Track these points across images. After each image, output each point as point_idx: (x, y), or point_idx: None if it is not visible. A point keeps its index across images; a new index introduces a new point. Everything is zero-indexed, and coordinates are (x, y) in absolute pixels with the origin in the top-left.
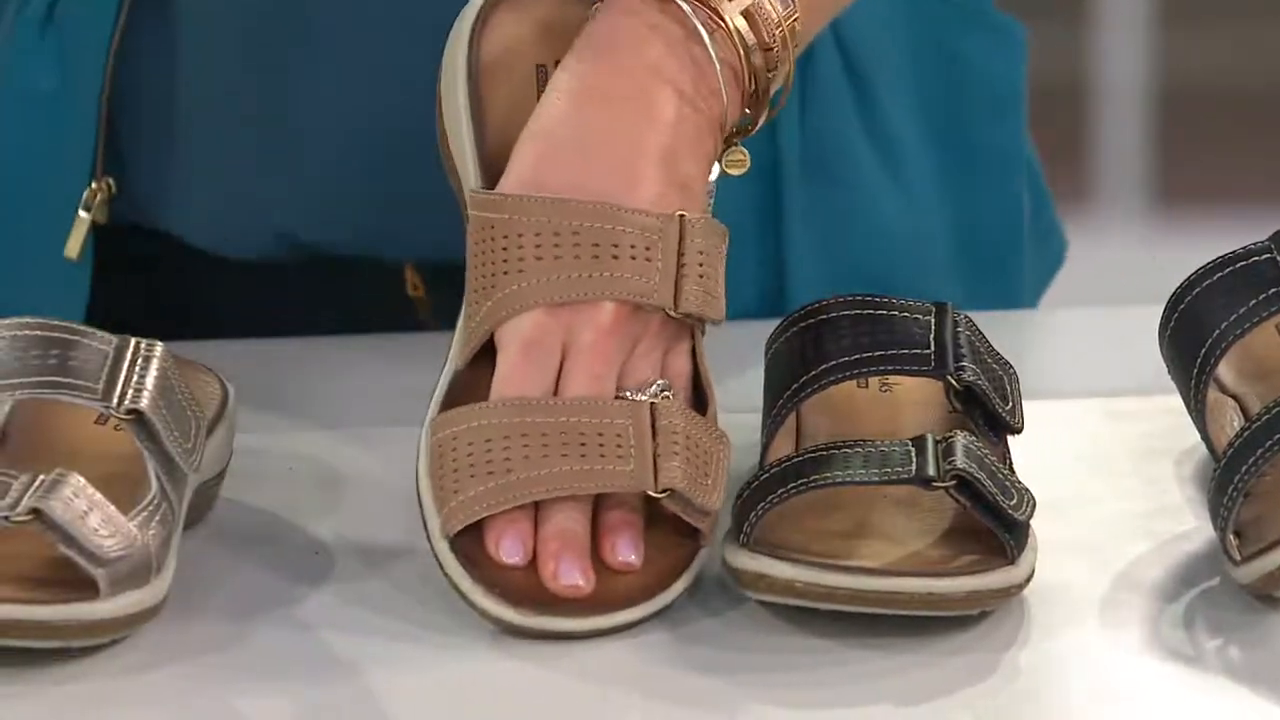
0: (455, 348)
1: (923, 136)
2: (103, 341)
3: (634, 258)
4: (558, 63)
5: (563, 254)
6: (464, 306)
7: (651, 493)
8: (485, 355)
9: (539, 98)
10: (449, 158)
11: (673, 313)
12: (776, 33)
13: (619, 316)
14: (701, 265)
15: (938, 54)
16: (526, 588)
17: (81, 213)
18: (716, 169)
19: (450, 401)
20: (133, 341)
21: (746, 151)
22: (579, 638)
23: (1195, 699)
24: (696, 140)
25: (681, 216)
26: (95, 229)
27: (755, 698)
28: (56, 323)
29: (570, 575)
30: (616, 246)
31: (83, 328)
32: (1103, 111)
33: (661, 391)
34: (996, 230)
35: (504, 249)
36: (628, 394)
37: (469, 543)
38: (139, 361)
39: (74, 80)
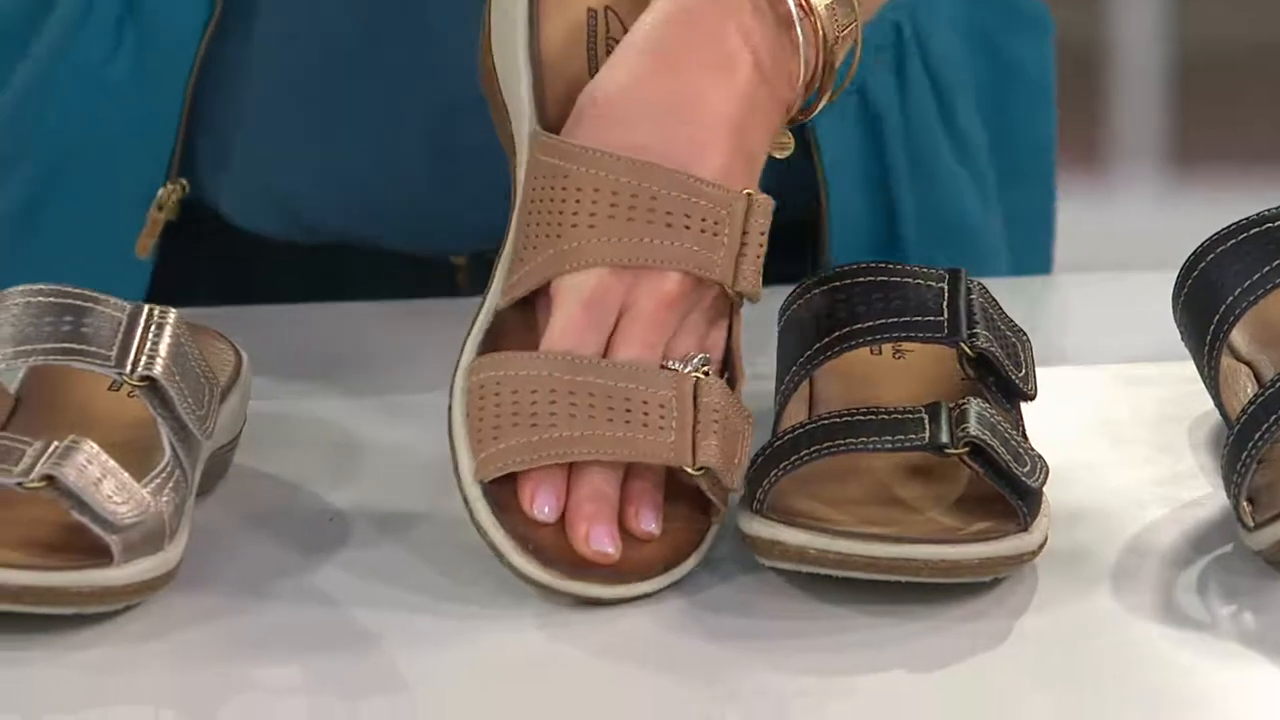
0: (497, 286)
1: (984, 131)
2: (116, 308)
3: (704, 231)
4: (608, 9)
5: (636, 217)
6: (511, 248)
7: (689, 469)
8: (520, 303)
9: (588, 44)
10: (495, 92)
11: (730, 290)
12: (842, 35)
13: (682, 288)
14: (761, 245)
15: (986, 49)
16: (557, 548)
17: (154, 211)
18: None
19: (489, 344)
20: (146, 308)
21: (791, 136)
22: (605, 604)
23: (1209, 664)
24: (767, 119)
25: (749, 195)
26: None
27: (769, 663)
28: (70, 289)
29: (601, 542)
30: (689, 217)
31: (96, 294)
32: (1118, 77)
33: (702, 365)
34: (1033, 215)
35: (576, 200)
36: (671, 363)
37: (498, 488)
38: (152, 328)
39: (153, 79)
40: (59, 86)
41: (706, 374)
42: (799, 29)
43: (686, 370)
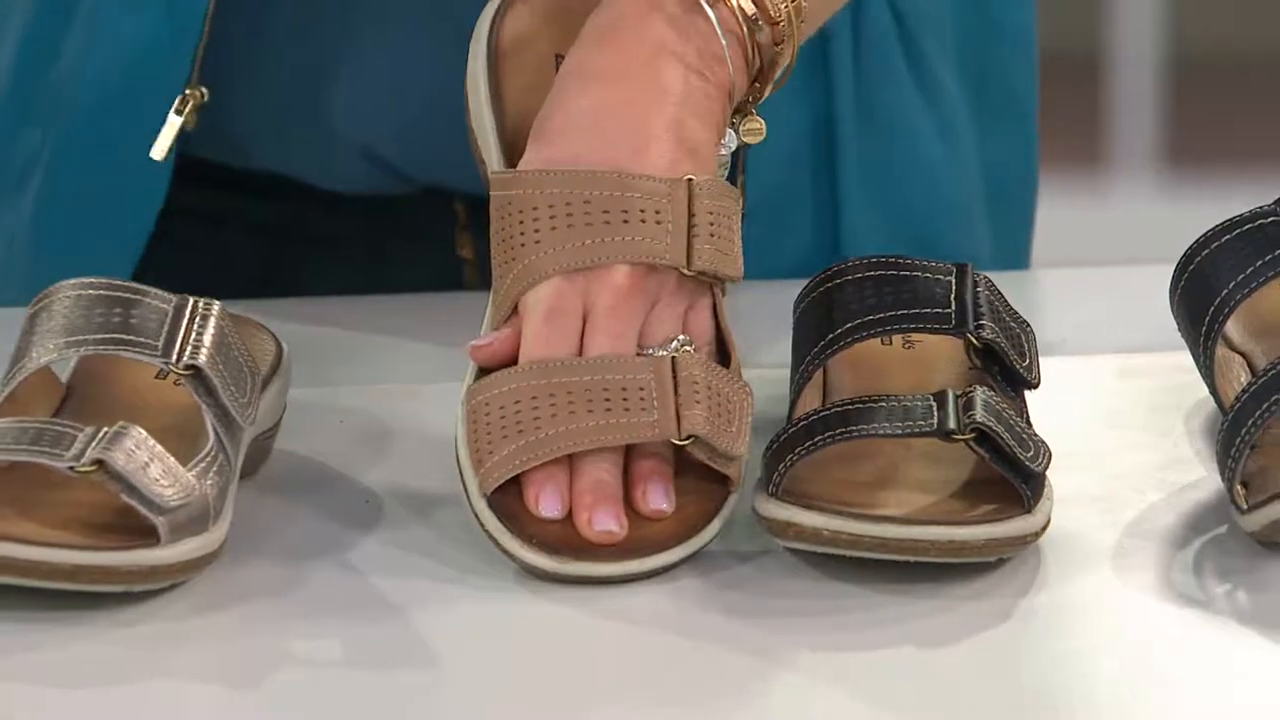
0: (486, 320)
1: (960, 85)
2: (163, 300)
3: (644, 221)
4: (558, 56)
5: (575, 222)
6: (493, 282)
7: (675, 440)
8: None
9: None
10: (476, 147)
11: (686, 271)
12: (783, 8)
13: (634, 278)
14: (713, 225)
15: (974, 6)
16: (563, 537)
17: (173, 116)
18: (734, 138)
19: (485, 370)
20: (191, 300)
21: (763, 120)
22: (614, 581)
23: (1204, 642)
24: (705, 107)
25: (689, 180)
26: (183, 165)
27: (783, 640)
28: (119, 282)
29: (604, 522)
30: (626, 212)
31: (144, 287)
32: (1116, 77)
33: (682, 346)
34: (1014, 171)
35: (520, 223)
36: (650, 350)
37: (507, 499)
38: (197, 319)
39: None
40: (96, 40)
41: (688, 352)
42: (710, 13)
43: (663, 353)
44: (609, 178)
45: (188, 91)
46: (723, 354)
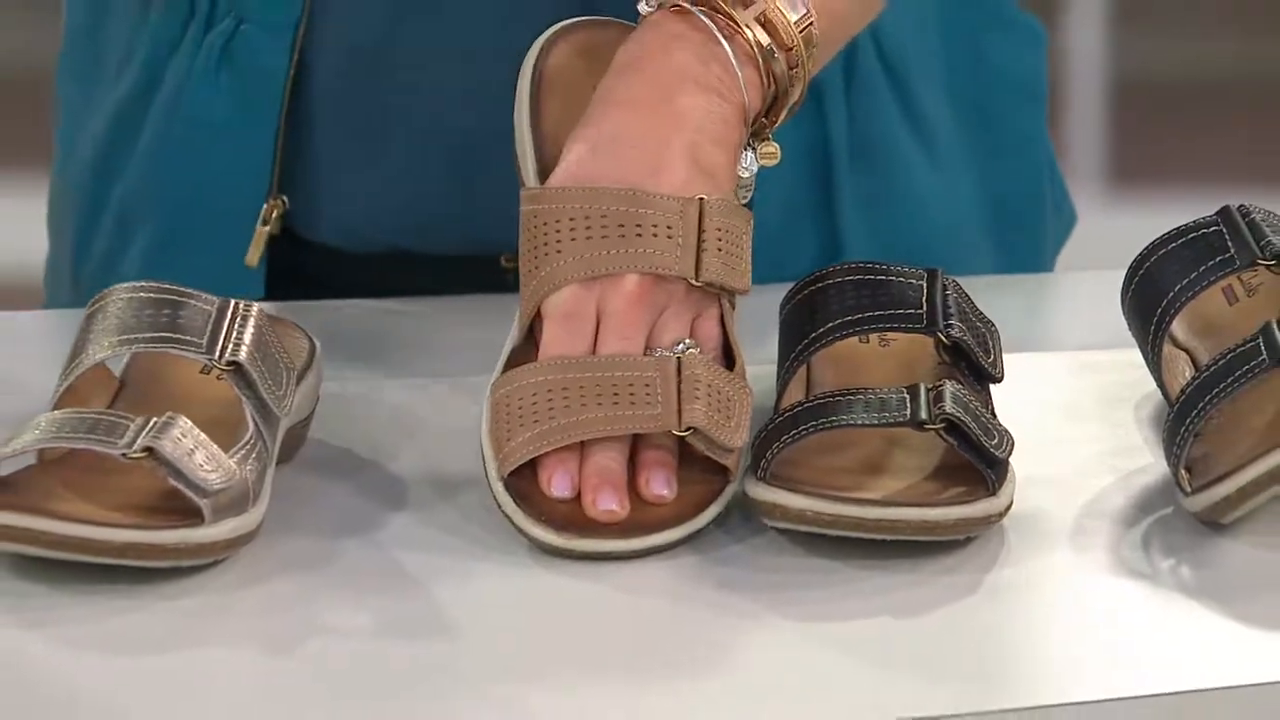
0: (515, 323)
1: (956, 123)
2: (206, 302)
3: (656, 235)
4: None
5: (593, 234)
6: (520, 289)
7: (676, 431)
8: (530, 335)
9: None
10: (518, 171)
11: (694, 282)
12: (796, 35)
13: (644, 286)
14: (721, 240)
15: (968, 51)
16: (570, 516)
17: (260, 226)
18: (754, 160)
19: (508, 369)
20: (233, 302)
21: (778, 145)
22: (614, 557)
23: (1152, 611)
24: (722, 131)
25: (701, 199)
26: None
27: (772, 610)
28: (167, 285)
29: (606, 502)
30: (640, 226)
31: (190, 290)
32: (1068, 102)
33: (688, 349)
34: (1022, 202)
35: (544, 234)
36: (657, 352)
37: (522, 482)
38: (238, 319)
39: (250, 109)
40: (176, 139)
41: (693, 355)
42: (727, 46)
43: (669, 354)
44: (626, 194)
45: (270, 202)
46: (729, 359)
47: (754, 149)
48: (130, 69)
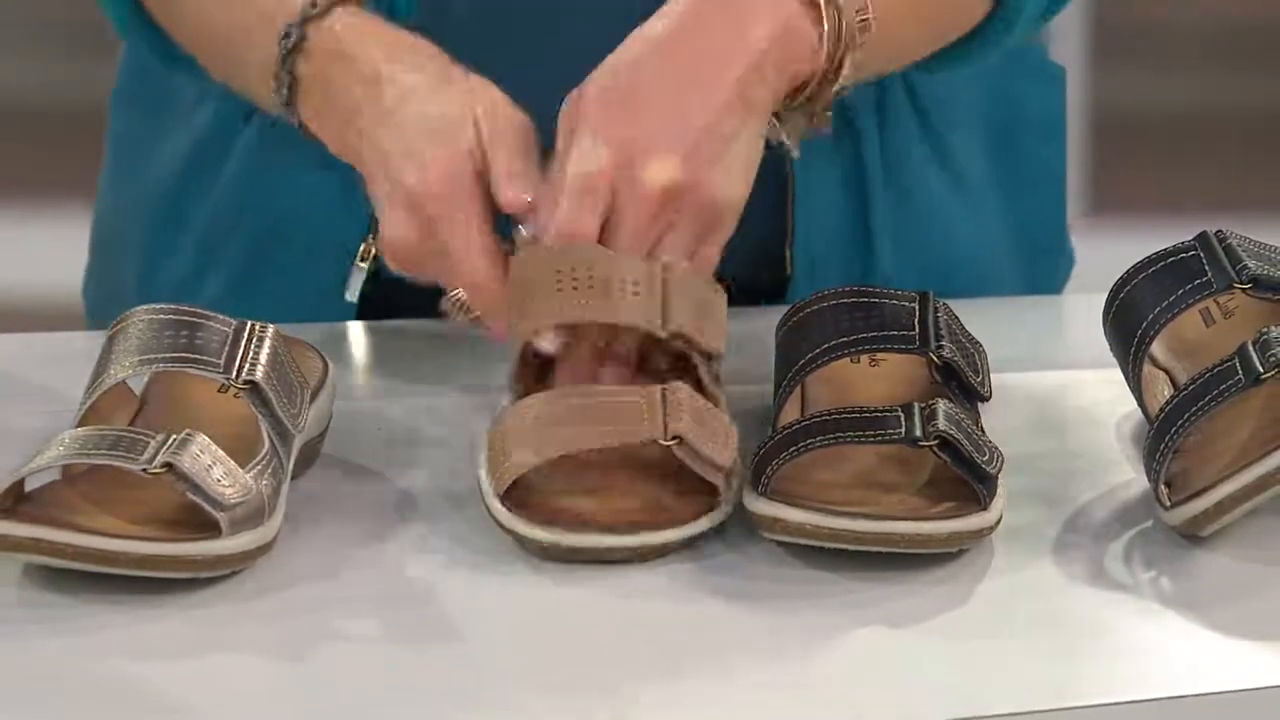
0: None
1: (984, 159)
2: (224, 324)
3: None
4: None
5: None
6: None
7: (662, 441)
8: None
9: None
10: None
11: (661, 334)
12: (856, 22)
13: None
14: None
15: (1002, 96)
16: (561, 514)
17: (360, 263)
18: (802, 125)
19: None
20: (249, 324)
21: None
22: (615, 557)
23: (1134, 621)
24: (776, 73)
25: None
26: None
27: (769, 619)
28: (186, 308)
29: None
30: (618, 282)
31: (207, 313)
32: None
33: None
34: (1045, 233)
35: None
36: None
37: (518, 492)
38: (254, 341)
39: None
40: (275, 165)
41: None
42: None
43: (656, 387)
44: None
45: (369, 241)
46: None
47: (813, 120)
48: (211, 97)
